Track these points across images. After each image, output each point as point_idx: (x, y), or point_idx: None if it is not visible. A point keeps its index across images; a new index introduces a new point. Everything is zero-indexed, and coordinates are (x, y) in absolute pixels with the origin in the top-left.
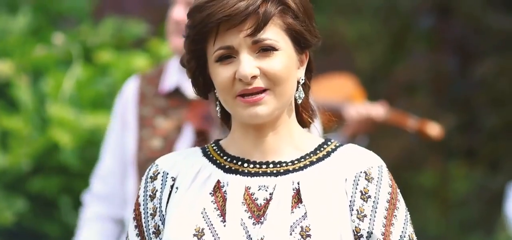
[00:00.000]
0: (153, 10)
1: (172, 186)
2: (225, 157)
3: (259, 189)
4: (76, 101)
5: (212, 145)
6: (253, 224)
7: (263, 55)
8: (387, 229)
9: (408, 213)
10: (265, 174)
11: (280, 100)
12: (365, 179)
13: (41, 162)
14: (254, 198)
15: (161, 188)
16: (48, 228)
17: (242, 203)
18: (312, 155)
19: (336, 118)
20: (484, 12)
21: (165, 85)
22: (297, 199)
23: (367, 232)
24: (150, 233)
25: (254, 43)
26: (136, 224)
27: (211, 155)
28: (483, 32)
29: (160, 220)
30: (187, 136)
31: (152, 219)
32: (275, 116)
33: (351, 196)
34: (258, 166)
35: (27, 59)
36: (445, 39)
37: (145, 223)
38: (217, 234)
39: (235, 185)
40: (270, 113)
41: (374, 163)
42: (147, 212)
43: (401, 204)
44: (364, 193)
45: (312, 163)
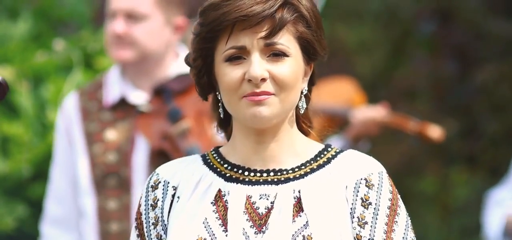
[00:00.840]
0: None
1: (173, 195)
2: (225, 165)
3: (260, 198)
4: None
5: (212, 152)
6: (255, 233)
7: (273, 59)
8: (388, 235)
9: (408, 218)
10: (266, 182)
11: (283, 106)
12: (366, 186)
13: (41, 168)
14: (255, 207)
15: (162, 198)
16: None
17: (244, 212)
18: (312, 162)
19: (342, 122)
20: (484, 18)
21: (109, 98)
22: (299, 207)
23: (369, 239)
24: None
25: (266, 45)
26: (138, 233)
27: (211, 163)
28: (484, 38)
29: (163, 229)
30: (141, 147)
31: (154, 228)
32: (277, 123)
33: (352, 204)
34: (258, 174)
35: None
36: (445, 45)
37: (147, 232)
38: None
39: (236, 194)
40: (272, 116)
41: (375, 169)
42: (149, 222)
43: (402, 210)
44: (364, 200)
45: (313, 170)
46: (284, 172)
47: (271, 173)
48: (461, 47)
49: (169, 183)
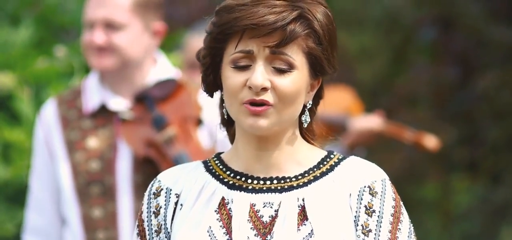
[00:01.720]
0: None
1: (176, 203)
2: (228, 172)
3: (264, 206)
4: None
5: (214, 159)
6: None
7: (278, 71)
8: None
9: (411, 225)
10: (269, 190)
11: (282, 118)
12: (369, 193)
13: None
14: (259, 216)
15: (165, 205)
16: None
17: (248, 220)
18: (315, 169)
19: (339, 130)
20: (486, 25)
21: (88, 105)
22: (303, 216)
23: None
24: None
25: (272, 53)
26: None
27: (214, 170)
28: (485, 45)
29: (166, 237)
30: (124, 154)
31: (157, 236)
32: (278, 130)
33: (356, 212)
34: (262, 182)
35: (29, 71)
36: (447, 51)
37: (150, 239)
38: None
39: (240, 202)
40: (269, 126)
41: (378, 176)
42: (152, 229)
43: (405, 217)
44: (368, 207)
45: (316, 178)
46: (288, 180)
47: (274, 181)
48: (462, 54)
49: (171, 190)
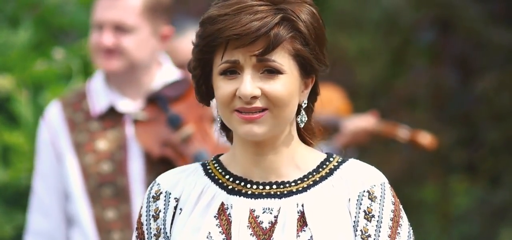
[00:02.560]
0: None
1: (175, 207)
2: (227, 177)
3: (263, 212)
4: None
5: (213, 162)
6: None
7: (267, 76)
8: None
9: (410, 229)
10: (268, 195)
11: (277, 121)
12: (369, 198)
13: None
14: (259, 222)
15: (164, 209)
16: None
17: (247, 226)
18: (314, 173)
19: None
20: (485, 27)
21: (96, 108)
22: (302, 222)
23: None
24: None
25: (259, 61)
26: None
27: (213, 174)
28: (484, 47)
29: None
30: (135, 154)
31: (156, 239)
32: (274, 135)
33: (355, 216)
34: (261, 187)
35: (28, 73)
36: (445, 53)
37: None
38: None
39: (239, 208)
40: (265, 132)
41: (377, 181)
42: (151, 233)
43: (404, 220)
44: (367, 212)
45: (315, 182)
46: (287, 185)
47: (274, 186)
48: (461, 56)
49: (170, 194)
